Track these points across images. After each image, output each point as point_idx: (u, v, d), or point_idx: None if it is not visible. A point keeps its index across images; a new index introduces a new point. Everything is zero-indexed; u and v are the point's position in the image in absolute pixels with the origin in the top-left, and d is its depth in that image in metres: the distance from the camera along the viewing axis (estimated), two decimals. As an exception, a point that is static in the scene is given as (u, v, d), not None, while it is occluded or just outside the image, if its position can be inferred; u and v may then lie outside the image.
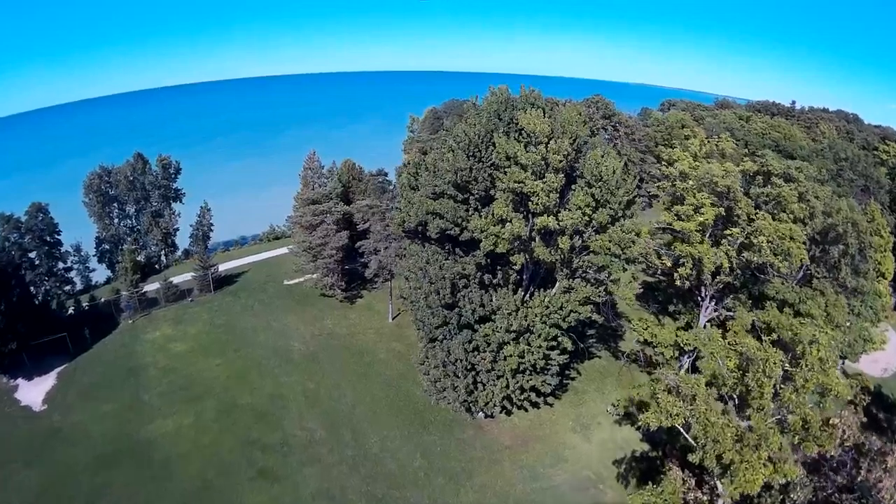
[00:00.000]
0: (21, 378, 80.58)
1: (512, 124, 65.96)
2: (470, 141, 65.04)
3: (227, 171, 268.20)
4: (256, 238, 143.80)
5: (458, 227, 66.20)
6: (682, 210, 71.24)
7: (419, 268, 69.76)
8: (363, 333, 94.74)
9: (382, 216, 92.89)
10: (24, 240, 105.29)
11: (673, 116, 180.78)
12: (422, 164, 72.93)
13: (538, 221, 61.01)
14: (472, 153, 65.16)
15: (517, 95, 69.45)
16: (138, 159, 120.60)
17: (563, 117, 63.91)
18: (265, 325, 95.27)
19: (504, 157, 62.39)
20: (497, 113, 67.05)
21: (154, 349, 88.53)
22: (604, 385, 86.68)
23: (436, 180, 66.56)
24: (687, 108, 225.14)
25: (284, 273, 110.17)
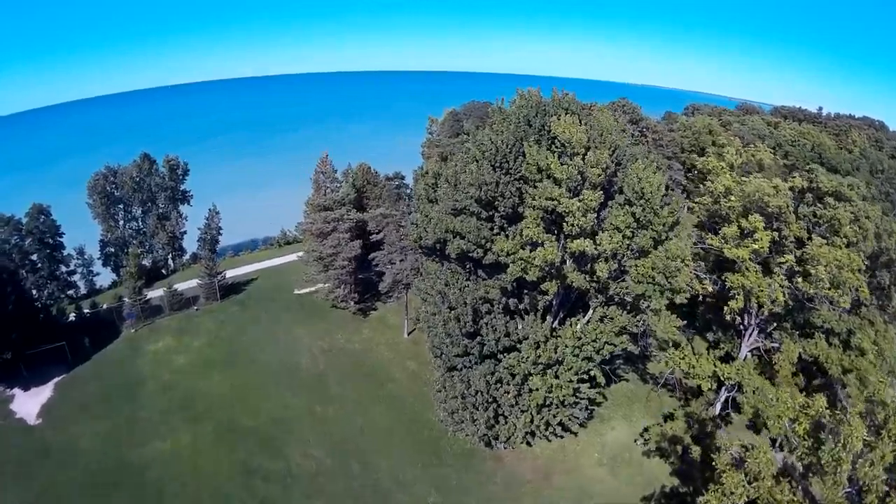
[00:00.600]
0: (18, 388, 77.38)
1: (543, 132, 59.03)
2: (497, 150, 58.31)
3: (239, 170, 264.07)
4: (268, 242, 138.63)
5: (482, 248, 59.73)
6: (729, 232, 64.70)
7: (437, 291, 63.50)
8: (376, 350, 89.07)
9: (398, 226, 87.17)
10: (24, 242, 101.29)
11: (700, 121, 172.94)
12: (441, 175, 66.58)
13: (573, 245, 54.22)
14: (498, 164, 58.55)
15: (548, 98, 62.57)
16: (144, 160, 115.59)
17: (601, 125, 57.38)
18: (272, 338, 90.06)
19: (535, 170, 55.90)
20: (527, 119, 60.00)
21: (155, 362, 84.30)
22: (631, 412, 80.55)
23: (457, 194, 60.04)
24: (713, 113, 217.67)
25: (295, 281, 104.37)
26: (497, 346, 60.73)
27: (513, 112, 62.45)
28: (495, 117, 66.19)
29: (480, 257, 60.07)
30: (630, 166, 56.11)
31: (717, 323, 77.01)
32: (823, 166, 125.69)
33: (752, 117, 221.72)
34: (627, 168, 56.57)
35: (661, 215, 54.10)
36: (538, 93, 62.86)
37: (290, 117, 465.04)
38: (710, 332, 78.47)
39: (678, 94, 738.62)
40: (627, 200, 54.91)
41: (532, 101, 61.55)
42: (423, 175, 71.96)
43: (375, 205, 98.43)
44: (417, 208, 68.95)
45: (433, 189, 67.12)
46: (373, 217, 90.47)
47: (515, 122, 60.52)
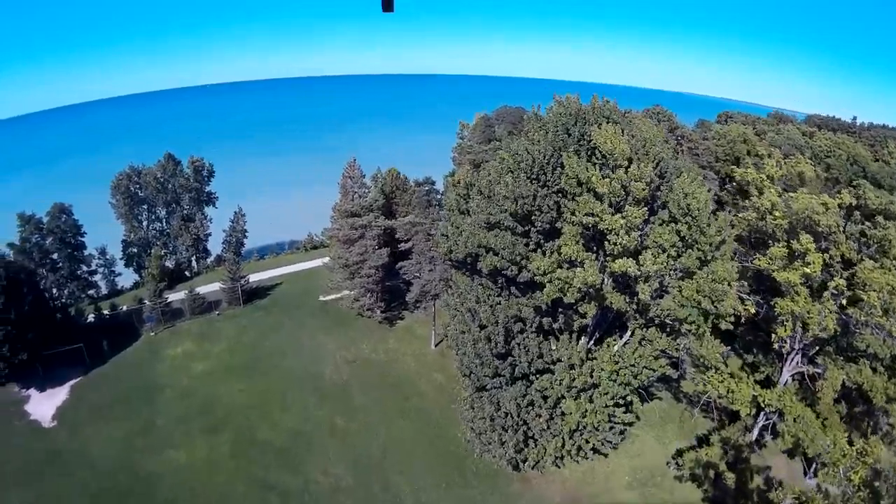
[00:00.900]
0: (33, 388, 76.48)
1: (583, 142, 55.67)
2: (533, 161, 55.03)
3: (268, 171, 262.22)
4: (294, 246, 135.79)
5: (517, 266, 56.28)
6: (776, 253, 60.90)
7: (467, 308, 60.16)
8: (402, 361, 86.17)
9: (427, 235, 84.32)
10: (45, 241, 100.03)
11: (734, 130, 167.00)
12: (474, 185, 63.14)
13: (615, 266, 50.69)
14: (535, 176, 55.26)
15: (587, 106, 58.88)
16: (169, 160, 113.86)
17: (644, 135, 53.83)
18: (295, 346, 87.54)
19: (575, 183, 52.50)
20: (565, 127, 56.62)
21: (174, 367, 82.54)
22: (664, 432, 76.86)
23: (490, 207, 56.66)
24: (746, 122, 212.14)
25: (320, 287, 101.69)
26: (529, 369, 57.51)
27: (550, 120, 58.85)
28: (531, 125, 62.83)
29: (515, 275, 56.64)
30: (675, 180, 52.78)
31: (757, 344, 73.44)
32: (867, 180, 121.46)
33: (786, 126, 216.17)
34: (672, 182, 53.21)
35: (707, 234, 50.54)
36: (577, 100, 59.42)
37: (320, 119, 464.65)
38: (750, 354, 74.80)
39: (708, 100, 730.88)
40: (672, 217, 51.57)
41: (571, 108, 57.99)
42: (455, 185, 68.77)
43: (404, 211, 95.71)
44: (448, 219, 65.54)
45: (465, 200, 63.93)
46: (401, 225, 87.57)
47: (553, 131, 57.06)
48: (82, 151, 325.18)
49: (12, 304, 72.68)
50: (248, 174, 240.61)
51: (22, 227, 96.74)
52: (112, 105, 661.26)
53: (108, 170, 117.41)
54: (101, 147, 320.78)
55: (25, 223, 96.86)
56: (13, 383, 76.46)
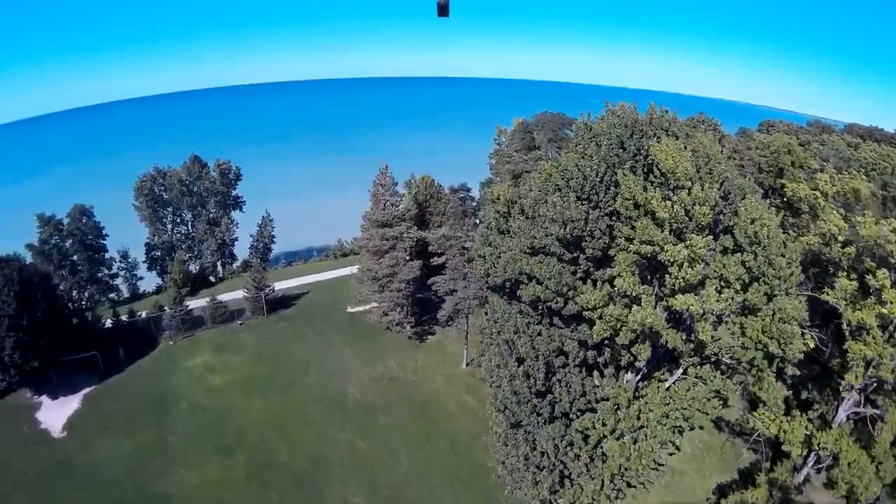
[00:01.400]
0: (45, 395, 74.71)
1: (639, 157, 49.82)
2: (585, 178, 49.32)
3: (298, 172, 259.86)
4: (323, 253, 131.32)
5: (562, 297, 50.40)
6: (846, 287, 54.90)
7: (505, 340, 54.31)
8: (431, 380, 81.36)
9: (462, 249, 79.46)
10: (65, 243, 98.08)
11: (778, 140, 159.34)
12: (515, 202, 57.63)
13: (675, 302, 44.44)
14: (586, 196, 49.48)
15: (643, 115, 52.59)
16: (195, 162, 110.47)
17: (707, 151, 47.76)
18: (319, 361, 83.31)
19: (631, 205, 46.70)
20: (620, 140, 50.64)
21: (191, 379, 79.27)
22: (704, 465, 71.58)
23: (535, 230, 50.79)
24: (789, 131, 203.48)
25: (348, 298, 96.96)
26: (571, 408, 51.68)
27: (602, 131, 52.72)
28: (580, 136, 56.85)
29: (560, 307, 50.94)
30: (740, 203, 47.20)
31: (811, 379, 67.99)
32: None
33: (830, 136, 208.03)
34: (736, 204, 47.67)
35: (776, 265, 44.61)
36: (634, 109, 54.02)
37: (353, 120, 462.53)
38: (804, 390, 69.23)
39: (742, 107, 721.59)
40: (737, 245, 46.04)
41: (626, 118, 51.94)
42: (494, 201, 63.47)
43: (438, 221, 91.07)
44: (485, 238, 59.73)
45: (505, 218, 58.42)
46: (435, 238, 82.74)
47: (606, 144, 51.03)
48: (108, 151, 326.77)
49: (25, 311, 70.55)
50: (280, 176, 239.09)
51: (41, 229, 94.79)
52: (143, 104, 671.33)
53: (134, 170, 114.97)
54: (129, 146, 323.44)
55: (45, 224, 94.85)
56: (25, 388, 74.57)
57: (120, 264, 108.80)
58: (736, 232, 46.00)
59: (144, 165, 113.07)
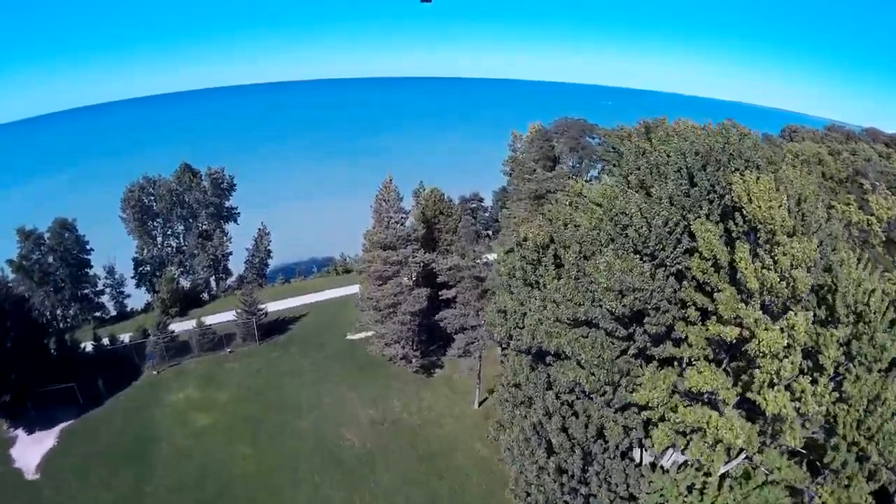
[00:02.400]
0: (21, 429, 68.88)
1: (713, 194, 38.54)
2: (650, 229, 37.81)
3: (298, 177, 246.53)
4: (324, 269, 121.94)
5: (612, 385, 39.19)
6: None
7: (531, 424, 43.39)
8: (438, 423, 72.07)
9: (476, 280, 70.17)
10: (46, 259, 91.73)
11: (809, 149, 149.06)
12: (547, 248, 46.61)
13: (765, 403, 32.34)
14: (649, 251, 38.24)
15: (714, 140, 41.31)
16: (185, 171, 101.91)
17: (799, 189, 35.88)
18: (314, 400, 74.42)
19: (711, 268, 35.50)
20: (690, 173, 39.54)
21: (174, 417, 71.57)
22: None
23: (578, 294, 39.85)
24: (814, 138, 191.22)
25: (349, 323, 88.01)
26: (610, 504, 41.74)
27: (666, 159, 41.58)
28: (632, 161, 45.76)
29: (608, 399, 39.93)
30: (836, 262, 36.88)
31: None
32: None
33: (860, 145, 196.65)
34: (828, 259, 37.35)
35: (877, 341, 34.72)
36: (709, 131, 43.70)
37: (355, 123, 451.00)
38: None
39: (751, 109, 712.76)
40: (832, 316, 35.92)
41: (700, 146, 40.78)
42: (521, 242, 50.50)
43: (448, 240, 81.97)
44: (507, 288, 49.22)
45: (534, 266, 47.31)
46: (444, 269, 73.00)
47: (675, 180, 39.74)
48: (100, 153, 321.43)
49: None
50: (279, 180, 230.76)
51: (21, 244, 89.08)
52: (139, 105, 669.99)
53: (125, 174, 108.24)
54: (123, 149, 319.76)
55: (25, 239, 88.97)
56: (1, 419, 69.81)
57: (106, 281, 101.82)
58: (837, 303, 35.72)
59: (136, 170, 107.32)
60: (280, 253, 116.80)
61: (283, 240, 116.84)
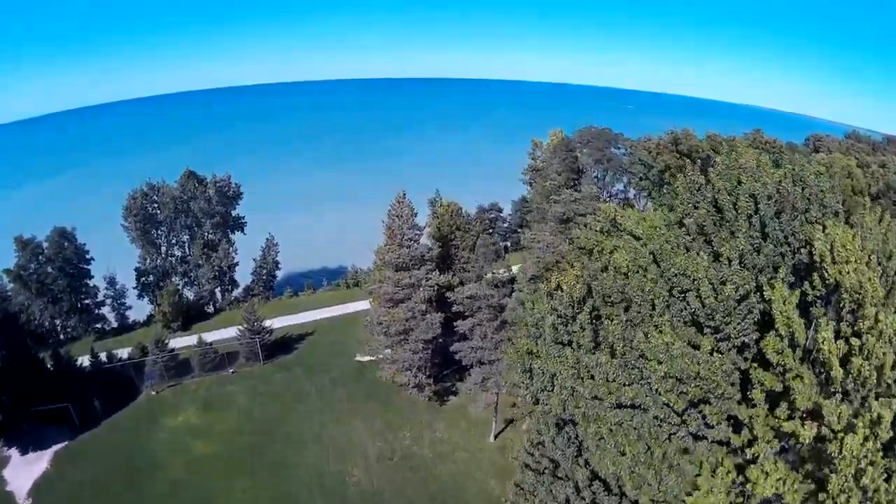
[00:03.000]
0: (16, 449, 66.41)
1: (786, 246, 33.34)
2: (717, 297, 31.75)
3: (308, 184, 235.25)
4: (334, 282, 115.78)
5: (657, 474, 32.48)
6: None
7: (566, 496, 36.78)
8: (451, 458, 66.83)
9: (495, 311, 65.07)
10: (45, 269, 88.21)
11: (839, 162, 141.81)
12: (586, 302, 40.24)
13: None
14: (716, 324, 32.15)
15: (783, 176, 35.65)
16: (189, 178, 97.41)
17: (884, 241, 31.23)
18: (318, 430, 69.69)
19: (788, 347, 29.38)
20: (762, 222, 33.79)
21: (171, 444, 67.56)
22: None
23: (624, 372, 34.02)
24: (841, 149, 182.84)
25: (358, 342, 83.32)
26: None
27: (739, 207, 35.35)
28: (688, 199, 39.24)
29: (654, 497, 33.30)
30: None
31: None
32: None
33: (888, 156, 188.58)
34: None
35: None
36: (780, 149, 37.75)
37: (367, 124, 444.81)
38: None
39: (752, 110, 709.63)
40: None
41: (771, 186, 34.67)
42: (551, 293, 43.48)
43: (465, 258, 76.84)
44: (535, 341, 42.51)
45: (566, 322, 40.21)
46: (461, 299, 67.51)
47: (745, 232, 34.15)
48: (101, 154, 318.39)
49: (-16, 361, 63.83)
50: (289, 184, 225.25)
51: (19, 253, 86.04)
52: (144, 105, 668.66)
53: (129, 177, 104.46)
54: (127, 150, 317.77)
55: (22, 248, 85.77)
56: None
57: (107, 291, 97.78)
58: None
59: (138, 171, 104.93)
60: (289, 262, 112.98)
61: (293, 248, 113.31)
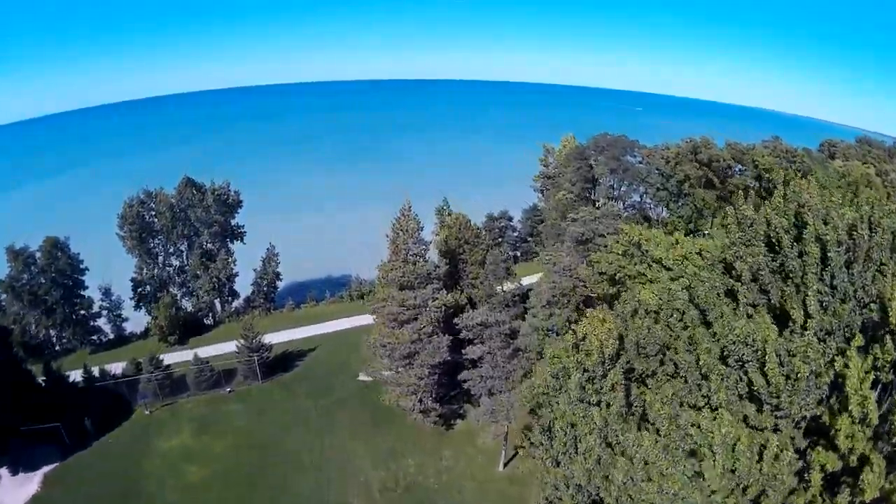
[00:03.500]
0: (6, 468, 64.18)
1: (853, 300, 28.64)
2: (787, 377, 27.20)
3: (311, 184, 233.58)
4: (338, 293, 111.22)
5: None
6: None
7: None
8: (457, 487, 62.98)
9: (507, 339, 61.44)
10: (38, 280, 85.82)
11: (857, 170, 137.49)
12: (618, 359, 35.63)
13: None
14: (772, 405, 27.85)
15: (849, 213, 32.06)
16: (187, 186, 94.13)
17: None
18: (318, 456, 66.11)
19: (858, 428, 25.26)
20: (831, 274, 28.87)
21: (164, 468, 64.46)
22: None
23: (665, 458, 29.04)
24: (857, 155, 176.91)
25: (362, 359, 78.78)
26: None
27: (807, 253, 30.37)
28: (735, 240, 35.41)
29: None
30: None
31: None
32: None
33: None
34: None
35: None
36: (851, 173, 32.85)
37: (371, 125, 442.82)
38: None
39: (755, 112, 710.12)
40: None
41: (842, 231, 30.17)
42: (577, 345, 38.22)
43: (474, 274, 72.99)
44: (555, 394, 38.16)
45: (591, 380, 35.32)
46: (469, 326, 63.52)
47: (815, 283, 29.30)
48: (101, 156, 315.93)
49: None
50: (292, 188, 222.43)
51: (11, 264, 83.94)
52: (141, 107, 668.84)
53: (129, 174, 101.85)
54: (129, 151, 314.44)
55: (14, 259, 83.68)
56: None
57: (102, 303, 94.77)
58: None
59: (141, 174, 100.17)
60: (291, 271, 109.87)
61: (295, 255, 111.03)
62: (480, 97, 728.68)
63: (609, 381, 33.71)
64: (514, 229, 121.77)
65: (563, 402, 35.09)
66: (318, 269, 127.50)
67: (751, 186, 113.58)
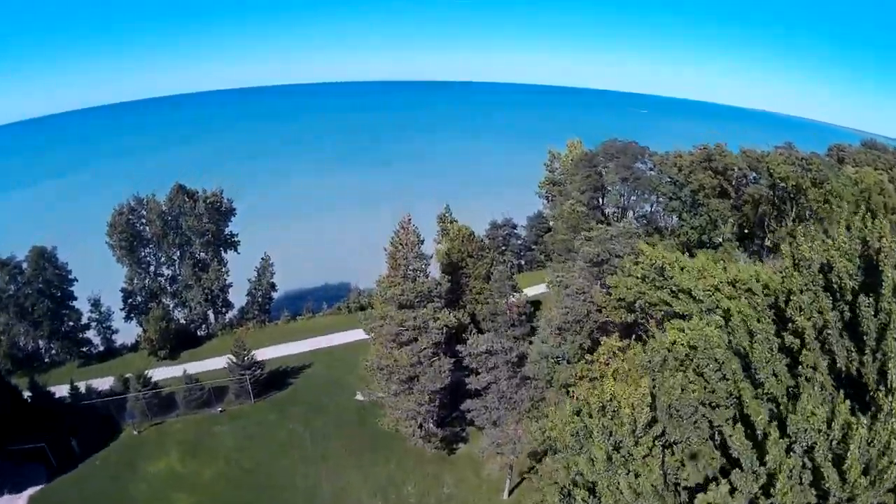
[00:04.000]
0: None
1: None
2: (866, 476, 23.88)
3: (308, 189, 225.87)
4: (335, 305, 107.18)
5: None
6: None
7: None
8: None
9: (514, 368, 57.90)
10: (24, 291, 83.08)
11: (870, 177, 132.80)
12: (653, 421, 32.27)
13: None
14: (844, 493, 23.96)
15: None
16: (179, 193, 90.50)
17: None
18: (312, 483, 62.28)
19: None
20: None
21: (150, 493, 61.25)
22: None
23: None
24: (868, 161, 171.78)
25: (360, 377, 74.77)
26: None
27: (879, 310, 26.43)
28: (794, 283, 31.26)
29: None
30: None
31: None
32: None
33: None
34: None
35: None
36: None
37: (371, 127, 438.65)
38: None
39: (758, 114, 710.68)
40: None
41: None
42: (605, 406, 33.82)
43: (478, 288, 69.49)
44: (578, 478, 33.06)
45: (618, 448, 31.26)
46: (474, 354, 59.70)
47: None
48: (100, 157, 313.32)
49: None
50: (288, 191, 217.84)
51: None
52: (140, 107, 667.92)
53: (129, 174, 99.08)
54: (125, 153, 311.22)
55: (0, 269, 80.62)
56: None
57: (91, 315, 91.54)
58: None
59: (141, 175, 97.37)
60: (288, 279, 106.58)
61: (292, 261, 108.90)
62: (480, 97, 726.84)
63: (640, 450, 29.54)
64: (519, 237, 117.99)
65: (583, 464, 30.99)
66: (316, 277, 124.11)
67: (765, 195, 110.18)
